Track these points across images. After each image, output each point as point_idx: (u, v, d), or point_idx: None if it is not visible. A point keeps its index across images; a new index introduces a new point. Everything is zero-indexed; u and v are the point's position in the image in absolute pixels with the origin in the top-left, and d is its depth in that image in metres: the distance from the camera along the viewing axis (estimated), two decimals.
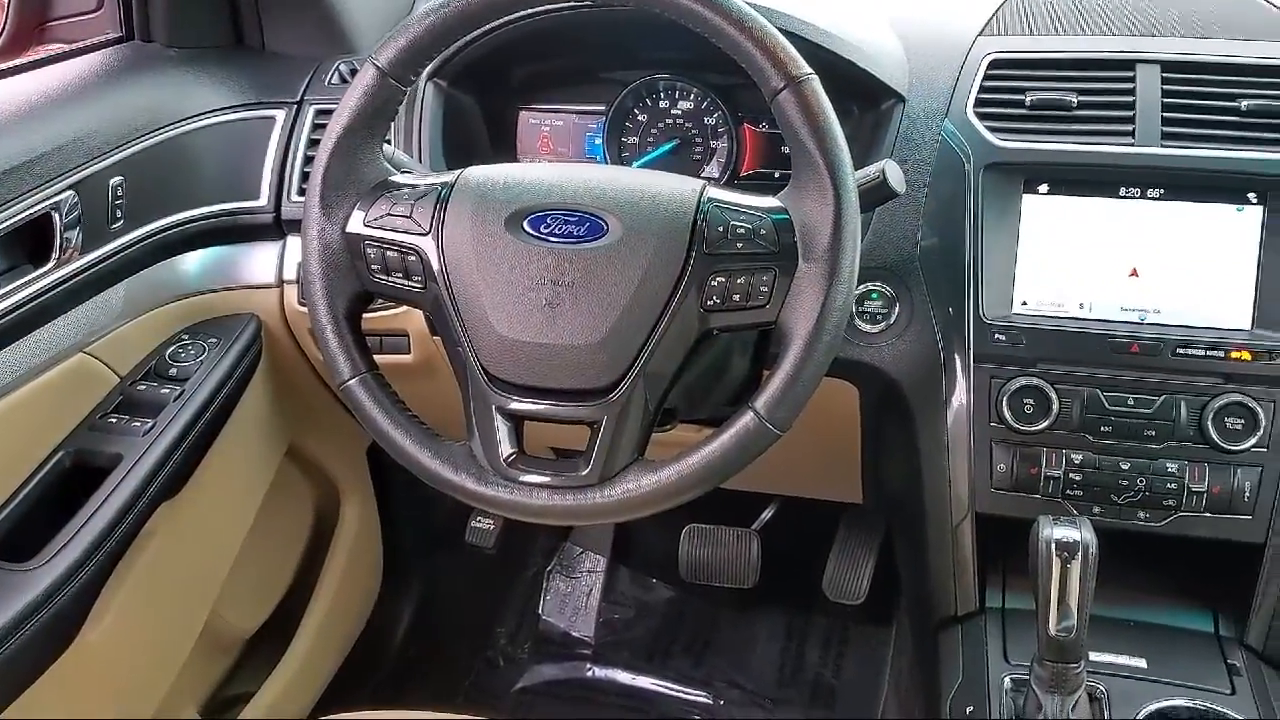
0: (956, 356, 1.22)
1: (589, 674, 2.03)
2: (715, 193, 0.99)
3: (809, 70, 0.94)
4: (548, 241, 0.97)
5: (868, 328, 1.26)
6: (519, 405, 0.99)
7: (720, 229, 0.96)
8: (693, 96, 1.42)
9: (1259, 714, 1.09)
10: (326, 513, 1.82)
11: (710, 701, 1.96)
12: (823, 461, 1.60)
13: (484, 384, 0.99)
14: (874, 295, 1.25)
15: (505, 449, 0.99)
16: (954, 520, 1.24)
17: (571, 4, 1.13)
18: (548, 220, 0.98)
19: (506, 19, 1.29)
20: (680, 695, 1.97)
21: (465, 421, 1.01)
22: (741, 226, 0.96)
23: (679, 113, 1.43)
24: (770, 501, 2.04)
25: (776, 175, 1.40)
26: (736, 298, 0.96)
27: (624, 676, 2.02)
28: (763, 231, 0.96)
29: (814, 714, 1.92)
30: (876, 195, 1.03)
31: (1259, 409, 1.14)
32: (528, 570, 2.17)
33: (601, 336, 0.95)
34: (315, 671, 1.79)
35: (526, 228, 0.98)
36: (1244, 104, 1.19)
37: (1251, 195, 1.16)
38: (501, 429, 0.99)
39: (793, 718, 1.92)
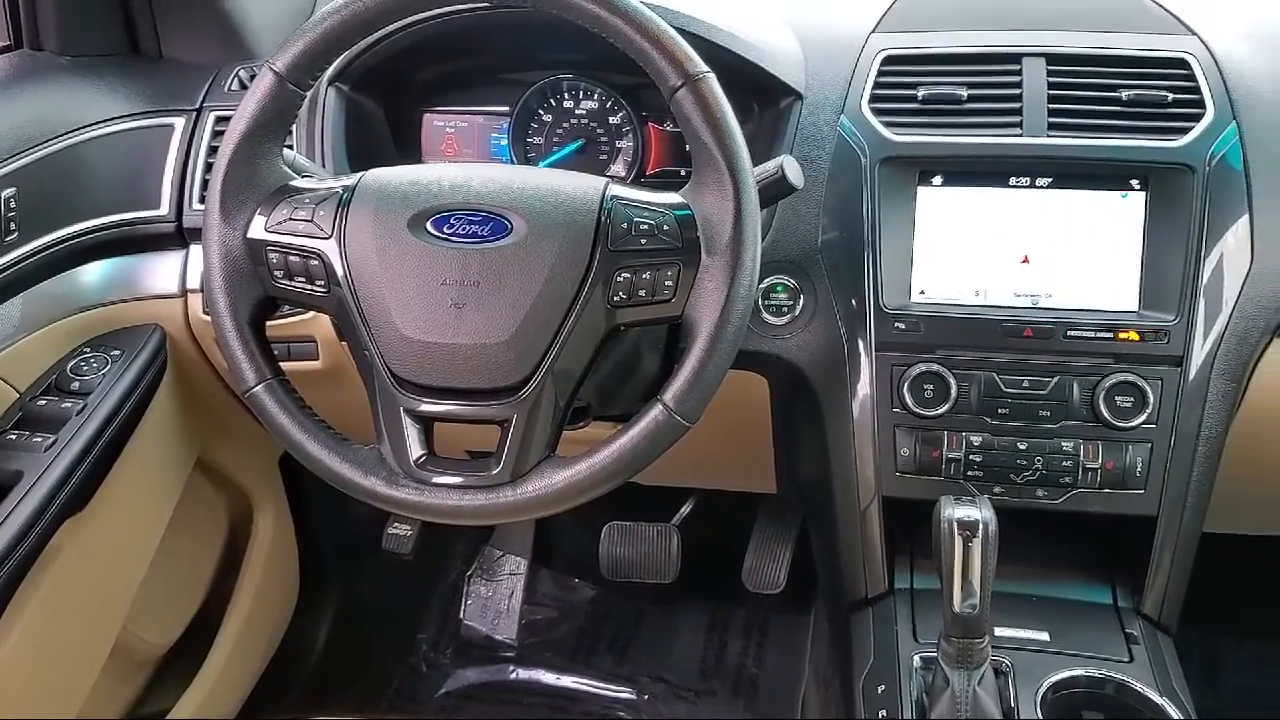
0: (859, 345, 1.25)
1: (512, 676, 2.03)
2: (618, 190, 1.00)
3: (705, 68, 0.96)
4: (452, 242, 0.97)
5: (774, 320, 1.28)
6: (428, 407, 0.99)
7: (624, 226, 0.97)
8: (597, 96, 1.43)
9: (1155, 679, 1.14)
10: (240, 524, 1.80)
11: (634, 697, 1.97)
12: (737, 453, 1.62)
13: (391, 387, 0.99)
14: (779, 288, 1.28)
15: (415, 451, 0.99)
16: (861, 504, 1.27)
17: (469, 6, 1.14)
18: (451, 220, 0.98)
19: (405, 22, 1.29)
20: (605, 693, 1.99)
21: (374, 425, 1.01)
22: (645, 223, 0.97)
23: (583, 113, 1.44)
24: (689, 496, 2.07)
25: (683, 173, 1.42)
26: (642, 293, 0.97)
27: (548, 677, 2.02)
28: (665, 227, 0.97)
29: (737, 704, 1.95)
30: (776, 190, 1.06)
31: (1147, 387, 1.19)
32: (448, 575, 2.17)
33: (509, 335, 0.96)
34: (233, 685, 1.76)
35: (430, 228, 0.98)
36: (1125, 94, 1.23)
37: (1134, 182, 1.21)
38: (410, 431, 0.99)
39: (716, 708, 1.95)
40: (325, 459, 1.01)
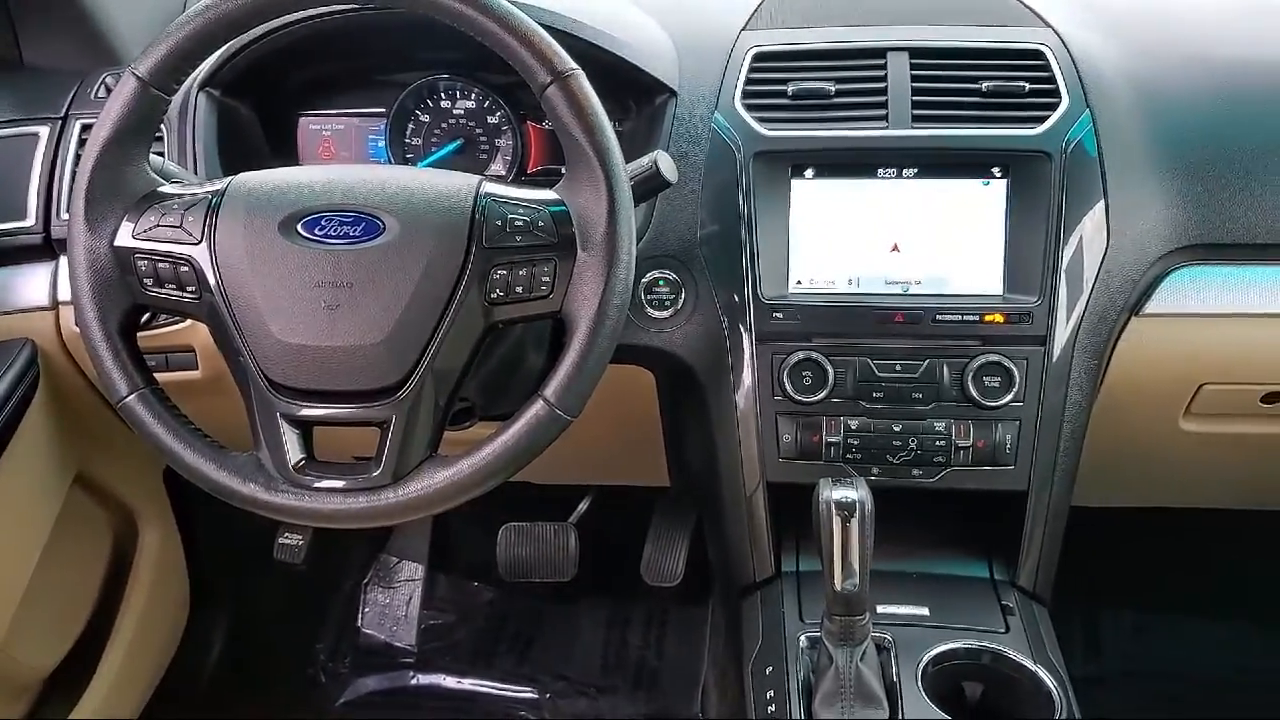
0: (740, 336, 1.27)
1: (413, 682, 2.02)
2: (492, 187, 1.01)
3: (574, 65, 0.98)
4: (324, 243, 0.97)
5: (657, 314, 1.30)
6: (305, 411, 0.99)
7: (498, 223, 0.98)
8: (474, 96, 1.44)
9: (1030, 648, 1.18)
10: (124, 540, 1.75)
11: (536, 696, 1.98)
12: (629, 448, 1.64)
13: (267, 391, 0.99)
14: (661, 282, 1.29)
15: (293, 456, 0.99)
16: (747, 491, 1.30)
17: (339, 7, 1.13)
18: (322, 222, 0.98)
19: (276, 24, 1.27)
20: (506, 694, 1.99)
21: (251, 431, 1.00)
22: (520, 219, 0.98)
23: (461, 112, 1.44)
24: (586, 493, 2.08)
25: (564, 171, 1.42)
26: (519, 289, 0.98)
27: (449, 681, 2.02)
28: (541, 223, 0.98)
29: (638, 697, 1.97)
30: (651, 185, 1.08)
31: (1013, 367, 1.23)
32: (344, 584, 2.15)
33: (385, 335, 0.96)
34: (122, 705, 1.72)
35: (301, 231, 0.98)
36: (984, 85, 1.28)
37: (996, 170, 1.25)
38: (288, 436, 0.99)
39: (618, 703, 1.96)
40: (202, 467, 1.00)
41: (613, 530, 2.07)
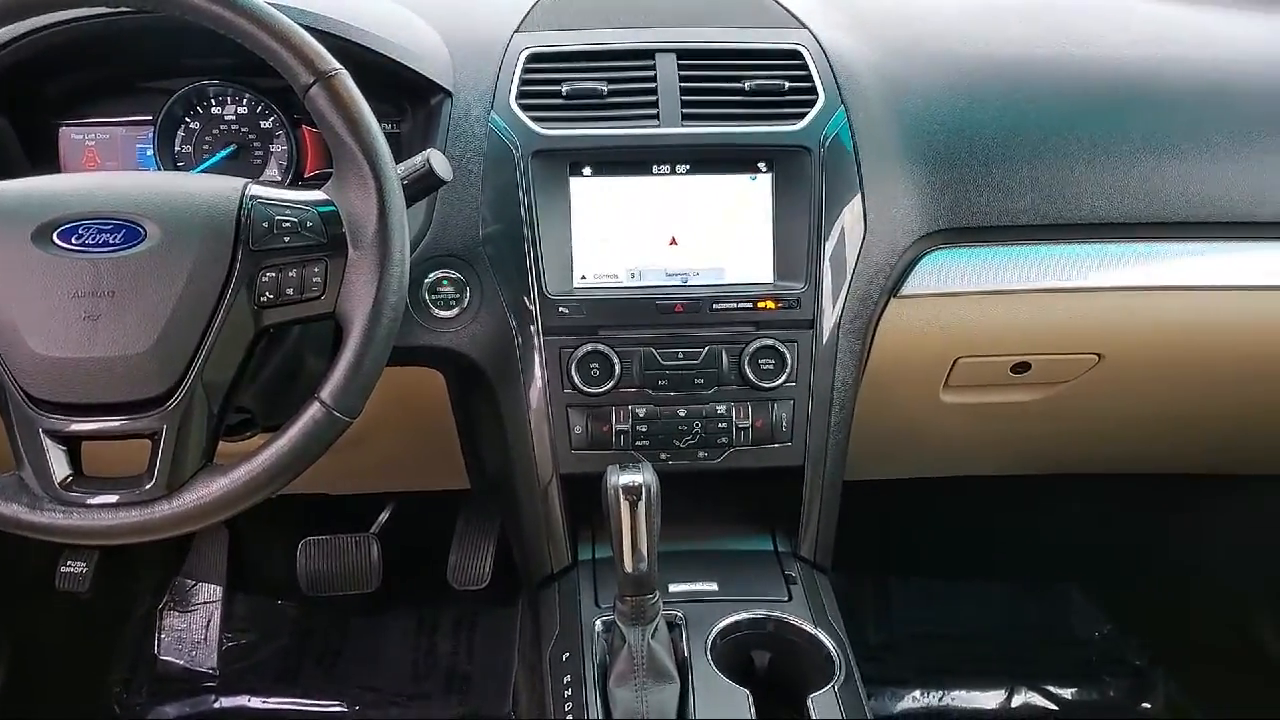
0: (527, 332, 1.29)
1: (216, 706, 1.96)
2: (258, 189, 1.00)
3: (337, 65, 0.98)
4: (81, 252, 0.94)
5: (442, 314, 1.30)
6: (71, 426, 0.96)
7: (265, 225, 0.97)
8: (246, 101, 1.41)
9: (811, 613, 1.25)
10: None
11: (345, 710, 1.95)
12: (425, 452, 1.64)
13: (27, 408, 0.95)
14: (445, 282, 1.30)
15: (59, 473, 0.95)
16: (541, 484, 1.32)
17: (84, 12, 1.10)
18: (79, 231, 0.95)
19: (21, 30, 1.22)
20: (314, 709, 1.95)
21: (11, 449, 0.96)
22: (287, 221, 0.98)
23: (233, 118, 1.41)
24: (386, 502, 2.06)
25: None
26: (290, 291, 0.98)
27: (254, 701, 1.97)
28: (309, 224, 0.98)
29: (450, 701, 1.97)
30: (425, 183, 1.09)
31: (785, 350, 1.29)
32: (136, 611, 2.06)
33: (150, 344, 0.94)
34: None
35: (57, 240, 0.95)
36: (748, 84, 1.34)
37: (761, 164, 1.31)
38: (53, 452, 0.96)
39: (430, 709, 1.95)
40: None
41: (417, 537, 2.06)
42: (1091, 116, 1.40)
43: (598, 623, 1.22)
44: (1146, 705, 2.04)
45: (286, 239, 0.97)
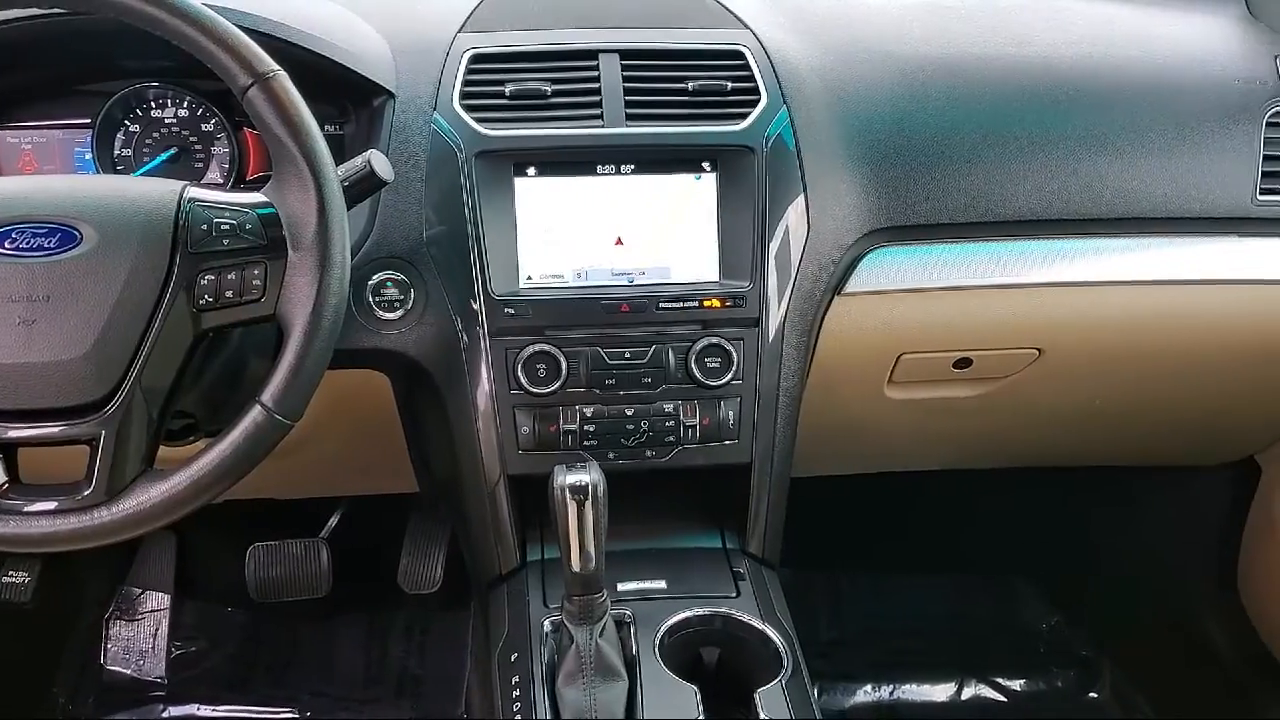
0: (473, 333, 1.29)
1: (164, 715, 1.94)
2: (196, 192, 0.99)
3: (275, 66, 0.97)
4: (15, 257, 0.93)
5: (387, 316, 1.29)
6: (5, 432, 0.94)
7: (204, 227, 0.97)
8: (186, 103, 1.39)
9: (759, 609, 1.26)
10: None
11: (296, 716, 1.93)
12: (373, 455, 1.63)
13: None
14: (389, 284, 1.29)
15: None
16: (489, 486, 1.32)
17: (18, 13, 1.08)
18: (12, 235, 0.94)
19: None
20: (264, 716, 1.94)
21: None
22: (226, 223, 0.97)
23: (173, 121, 1.39)
24: (336, 506, 2.05)
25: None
26: (229, 294, 0.97)
27: (203, 710, 1.95)
28: (249, 226, 0.97)
29: (403, 705, 1.96)
30: (367, 185, 1.08)
31: (731, 348, 1.30)
32: (81, 620, 2.03)
33: (86, 349, 0.93)
34: None
35: None
36: (691, 84, 1.34)
37: (705, 164, 1.32)
38: None
39: (382, 713, 1.94)
40: None
41: (368, 541, 2.05)
42: (1030, 115, 1.42)
43: (546, 623, 1.22)
44: (1094, 694, 2.07)
45: (225, 241, 0.96)
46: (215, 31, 0.95)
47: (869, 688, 2.04)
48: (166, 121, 1.39)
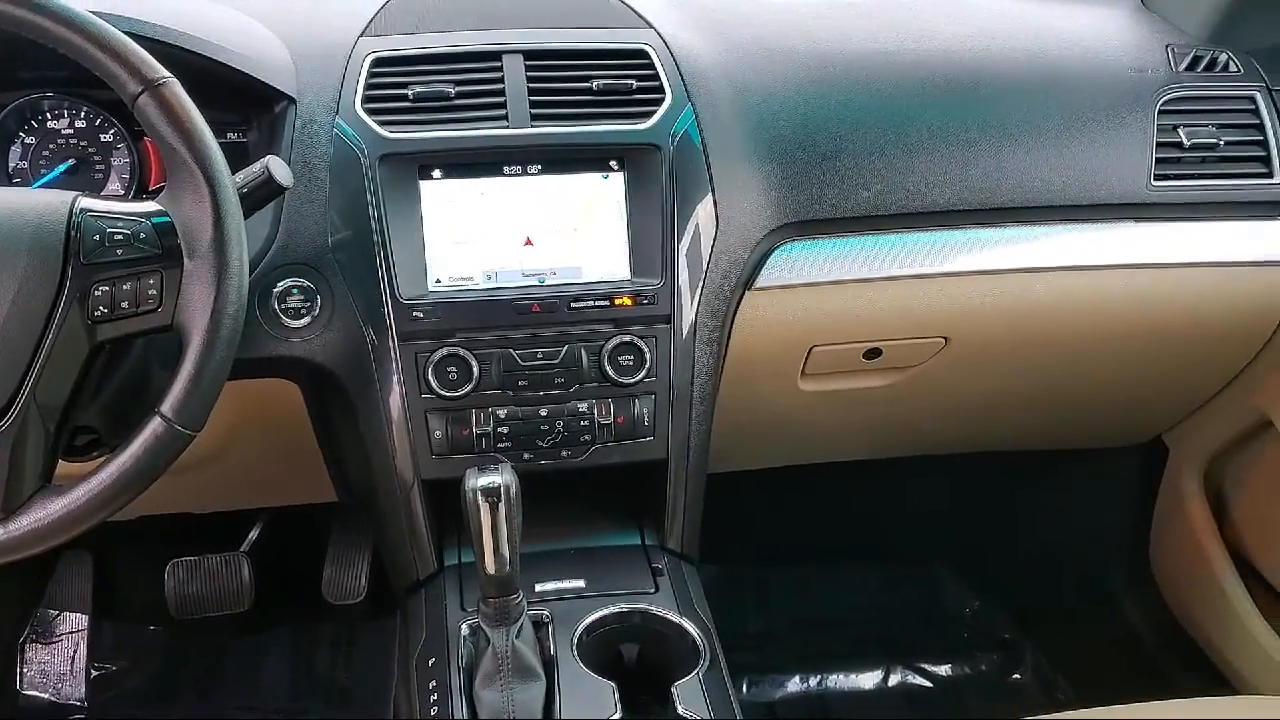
0: (382, 338, 1.28)
1: None
2: (88, 202, 0.98)
3: (165, 73, 0.96)
4: None
5: (293, 323, 1.28)
6: None
7: (96, 238, 0.95)
8: (84, 114, 1.36)
9: (677, 603, 1.26)
10: None
11: None
12: (289, 466, 1.61)
13: None
14: (295, 291, 1.28)
15: None
16: (403, 491, 1.31)
17: None
18: None
19: None
20: None
21: None
22: (119, 233, 0.96)
23: (71, 132, 1.36)
24: (256, 519, 2.02)
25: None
26: (125, 305, 0.96)
27: None
28: (143, 235, 0.96)
29: (331, 715, 1.94)
30: (266, 191, 1.07)
31: (644, 345, 1.31)
32: None
33: None
34: None
35: None
36: (595, 84, 1.35)
37: (613, 163, 1.33)
38: None
39: None
40: None
41: (290, 553, 2.02)
42: (931, 108, 1.44)
43: (463, 627, 1.21)
44: (1016, 676, 2.11)
45: (119, 251, 0.95)
46: (102, 39, 0.94)
47: (797, 679, 2.06)
48: (63, 133, 1.36)
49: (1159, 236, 1.49)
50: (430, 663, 1.19)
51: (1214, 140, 1.49)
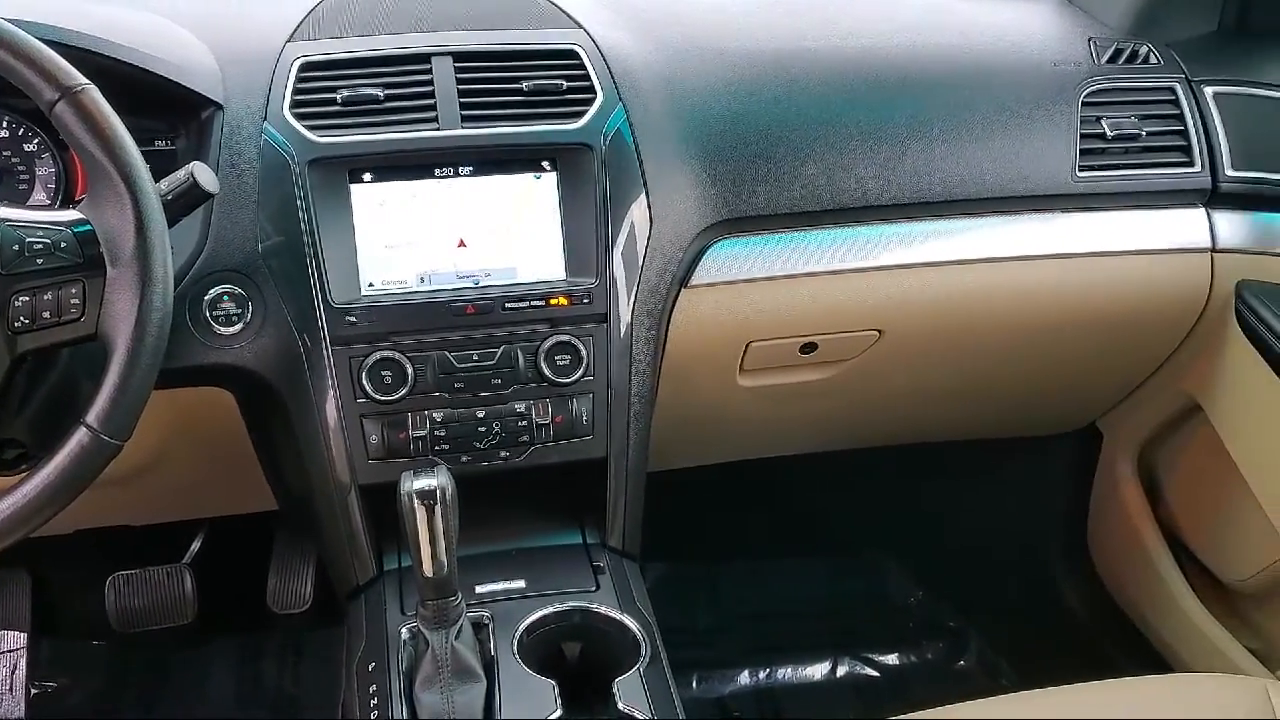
0: (315, 344, 1.27)
1: None
2: (6, 212, 0.97)
3: (84, 81, 0.95)
4: None
5: (224, 330, 1.26)
6: None
7: (15, 247, 0.94)
8: (6, 124, 1.34)
9: (618, 600, 1.27)
10: None
11: None
12: (227, 475, 1.59)
13: None
14: (225, 298, 1.26)
15: None
16: (340, 497, 1.30)
17: None
18: None
19: None
20: None
21: None
22: (39, 242, 0.95)
23: None
24: (198, 530, 2.00)
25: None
26: (47, 315, 0.95)
27: None
28: (64, 244, 0.95)
29: None
30: (191, 197, 1.06)
31: (580, 344, 1.31)
32: None
33: None
34: None
35: None
36: (526, 84, 1.35)
37: (545, 163, 1.33)
38: None
39: None
40: None
41: (233, 563, 2.00)
42: (860, 105, 1.46)
43: (403, 630, 1.21)
44: (961, 663, 2.14)
45: (40, 261, 0.94)
46: (16, 46, 0.93)
47: (746, 673, 2.07)
48: None
49: (1085, 226, 1.52)
50: (370, 667, 1.19)
51: (1136, 131, 1.52)
